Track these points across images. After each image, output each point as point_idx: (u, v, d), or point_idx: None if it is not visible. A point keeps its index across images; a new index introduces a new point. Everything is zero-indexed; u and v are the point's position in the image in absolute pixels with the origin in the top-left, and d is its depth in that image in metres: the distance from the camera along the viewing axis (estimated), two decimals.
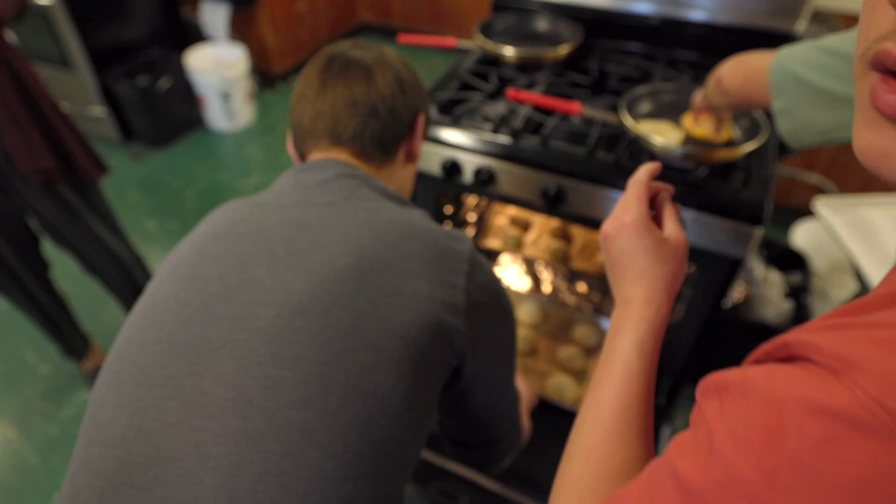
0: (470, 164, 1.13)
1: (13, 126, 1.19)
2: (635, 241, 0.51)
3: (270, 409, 0.49)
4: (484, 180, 1.11)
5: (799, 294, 1.59)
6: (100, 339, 1.90)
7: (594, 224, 1.10)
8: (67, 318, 1.68)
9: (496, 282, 0.66)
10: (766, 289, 1.54)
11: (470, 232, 1.69)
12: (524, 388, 1.04)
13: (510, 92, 1.07)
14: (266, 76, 3.34)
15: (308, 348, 0.51)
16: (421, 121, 0.76)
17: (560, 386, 1.33)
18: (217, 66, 2.81)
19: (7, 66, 1.18)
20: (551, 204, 1.07)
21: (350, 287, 0.54)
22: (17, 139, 1.20)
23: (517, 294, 1.49)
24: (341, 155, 0.71)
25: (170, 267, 0.60)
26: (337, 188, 0.64)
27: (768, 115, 0.72)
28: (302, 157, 0.75)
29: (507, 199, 1.15)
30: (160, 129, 2.84)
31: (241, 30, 3.12)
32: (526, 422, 0.91)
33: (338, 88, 0.69)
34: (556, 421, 1.36)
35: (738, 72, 0.77)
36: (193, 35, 3.11)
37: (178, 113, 2.91)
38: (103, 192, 1.48)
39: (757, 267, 1.59)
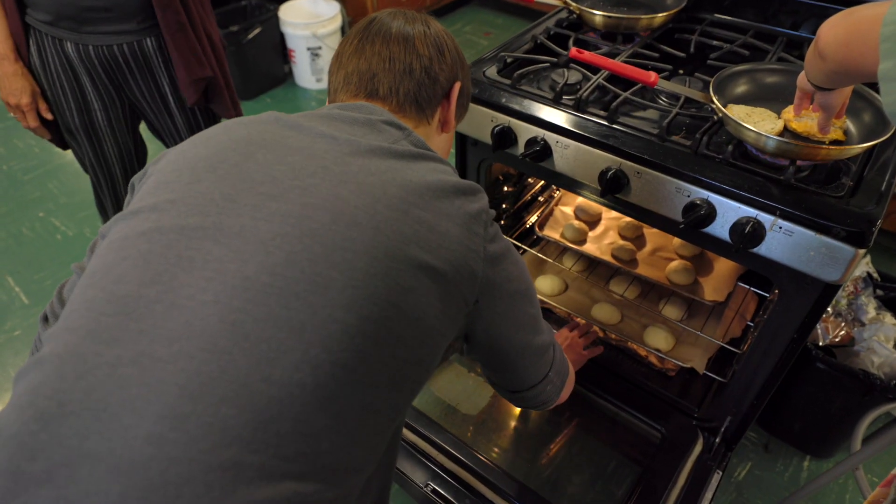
0: (524, 132, 1.04)
1: (179, 32, 1.21)
2: None
3: (317, 305, 0.53)
4: (536, 152, 1.01)
5: None
6: None
7: (655, 220, 0.98)
8: None
9: (503, 236, 0.72)
10: (876, 334, 1.33)
11: (531, 218, 1.60)
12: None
13: (573, 51, 0.96)
14: None
15: (359, 258, 0.56)
16: (456, 88, 0.79)
17: (653, 334, 1.32)
18: (310, 21, 2.86)
19: None
20: (608, 189, 0.96)
21: (399, 214, 0.59)
22: (183, 45, 1.22)
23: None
24: (380, 107, 0.74)
25: (204, 162, 0.62)
26: (383, 132, 0.69)
27: (876, 89, 0.57)
28: None
29: (560, 179, 1.05)
30: (247, 80, 2.93)
31: None
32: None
33: (375, 46, 0.74)
34: (587, 443, 1.25)
35: (840, 26, 0.61)
36: None
37: (267, 66, 2.99)
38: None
39: (868, 306, 1.37)
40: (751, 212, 0.85)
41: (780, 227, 0.84)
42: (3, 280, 1.99)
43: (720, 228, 0.89)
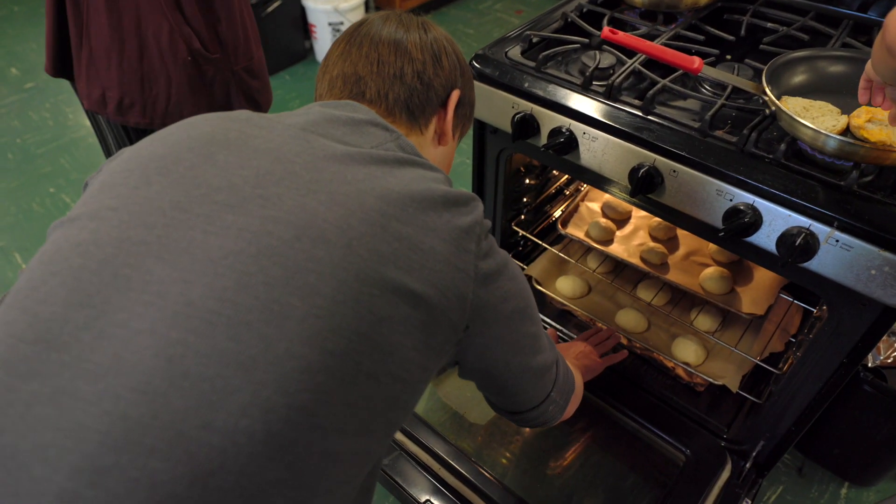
0: (547, 121, 0.95)
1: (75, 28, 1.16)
2: None
3: (273, 338, 0.47)
4: (560, 144, 0.93)
5: None
6: None
7: (690, 225, 0.89)
8: None
9: (499, 249, 0.65)
10: None
11: (555, 212, 1.51)
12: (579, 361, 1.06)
13: (606, 31, 0.87)
14: None
15: (325, 282, 0.49)
16: (454, 97, 0.73)
17: (682, 345, 1.23)
18: None
19: None
20: (639, 188, 0.87)
21: (376, 230, 0.53)
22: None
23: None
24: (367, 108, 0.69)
25: (157, 163, 0.56)
26: (367, 133, 0.63)
27: None
28: None
29: (585, 174, 0.96)
30: (266, 56, 2.82)
31: None
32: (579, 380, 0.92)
33: (363, 49, 0.69)
34: (604, 460, 1.17)
35: None
36: None
37: (287, 41, 2.93)
38: None
39: None
40: (803, 221, 0.76)
41: (837, 241, 0.74)
42: (11, 256, 1.97)
43: (766, 238, 0.80)
